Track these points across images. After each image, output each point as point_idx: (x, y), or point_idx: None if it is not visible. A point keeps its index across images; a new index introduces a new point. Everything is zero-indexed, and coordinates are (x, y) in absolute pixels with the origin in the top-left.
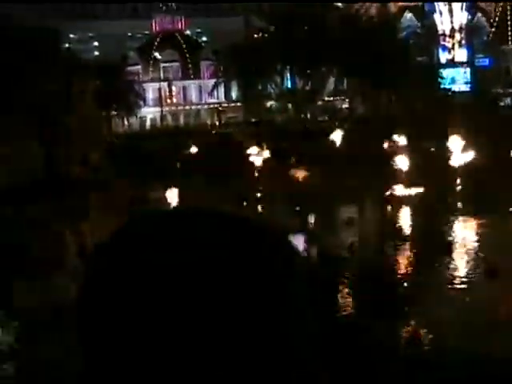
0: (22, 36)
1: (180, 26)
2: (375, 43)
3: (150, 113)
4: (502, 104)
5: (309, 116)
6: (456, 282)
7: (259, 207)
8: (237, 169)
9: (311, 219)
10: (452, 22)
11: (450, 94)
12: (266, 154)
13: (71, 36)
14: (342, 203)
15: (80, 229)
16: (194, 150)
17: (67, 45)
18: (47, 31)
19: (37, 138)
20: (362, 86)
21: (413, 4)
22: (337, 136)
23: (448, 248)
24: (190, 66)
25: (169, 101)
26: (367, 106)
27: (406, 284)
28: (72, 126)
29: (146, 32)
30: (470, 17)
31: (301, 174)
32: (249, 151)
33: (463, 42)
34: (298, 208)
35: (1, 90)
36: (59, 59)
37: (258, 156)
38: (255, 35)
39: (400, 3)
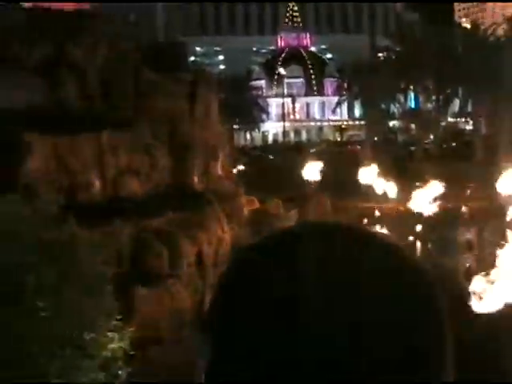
0: (154, 49)
1: (305, 43)
2: (502, 64)
3: (272, 127)
4: None
5: (432, 137)
6: None
7: (377, 227)
8: (354, 187)
9: (430, 242)
10: None
11: None
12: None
13: (197, 49)
14: (462, 225)
15: (198, 239)
16: (316, 165)
17: (193, 58)
18: (176, 45)
19: (164, 150)
20: (488, 108)
21: None
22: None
23: None
24: (313, 82)
25: (292, 116)
26: (492, 128)
27: None
28: (197, 138)
29: (272, 47)
30: None
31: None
32: (366, 170)
33: None
34: (418, 229)
35: (132, 101)
36: (186, 71)
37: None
38: (380, 54)
39: None
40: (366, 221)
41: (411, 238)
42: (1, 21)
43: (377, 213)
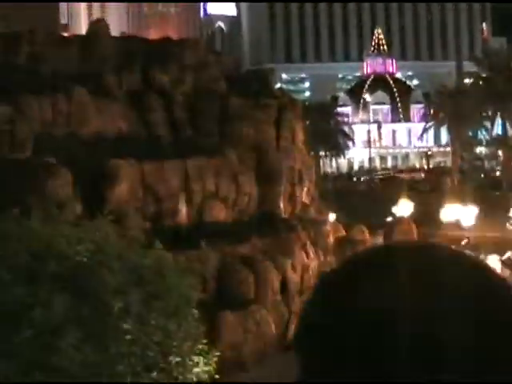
0: (240, 75)
1: (391, 69)
2: None
3: (358, 154)
4: None
5: None
6: None
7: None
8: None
9: None
10: None
11: None
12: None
13: (283, 76)
14: None
15: (284, 265)
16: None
17: (279, 85)
18: (262, 71)
19: (250, 176)
20: None
21: None
22: None
23: None
24: (399, 108)
25: (377, 143)
26: None
27: None
28: (282, 164)
29: (357, 74)
30: None
31: None
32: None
33: None
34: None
35: (219, 127)
36: (272, 98)
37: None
38: (466, 80)
39: None
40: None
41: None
42: (91, 50)
43: (465, 241)
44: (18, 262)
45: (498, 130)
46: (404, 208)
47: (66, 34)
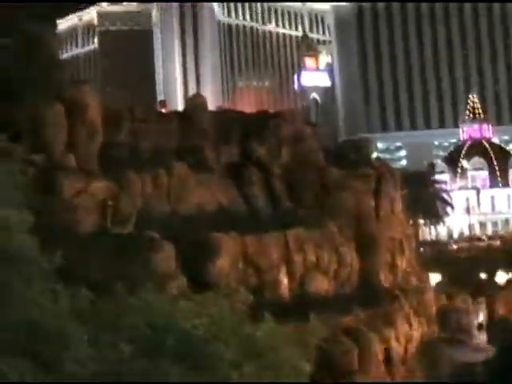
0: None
1: (487, 134)
2: None
3: (457, 221)
4: None
5: None
6: None
7: None
8: None
9: None
10: None
11: None
12: None
13: (379, 145)
14: None
15: (386, 335)
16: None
17: (375, 154)
18: (359, 142)
19: (351, 247)
20: None
21: None
22: None
23: None
24: (498, 174)
25: (476, 209)
26: None
27: None
28: (382, 234)
29: (453, 140)
30: None
31: None
32: None
33: None
34: None
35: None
36: (370, 168)
37: None
38: None
39: None
40: None
41: None
42: (189, 125)
43: None
44: (137, 335)
45: None
46: (504, 276)
47: (164, 110)
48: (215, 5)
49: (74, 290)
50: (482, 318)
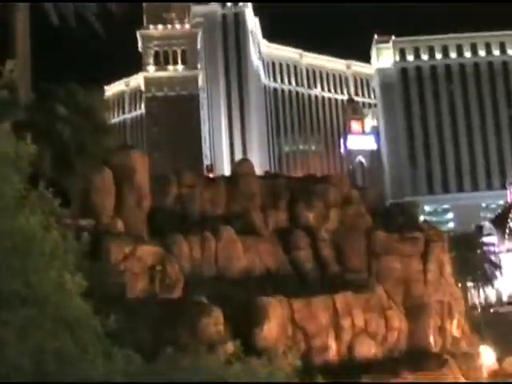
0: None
1: None
2: None
3: (506, 284)
4: None
5: None
6: None
7: None
8: None
9: None
10: None
11: None
12: None
13: (426, 208)
14: None
15: None
16: None
17: (422, 217)
18: (406, 205)
19: (399, 311)
20: None
21: None
22: None
23: None
24: None
25: None
26: None
27: None
28: (431, 297)
29: (501, 202)
30: None
31: None
32: None
33: None
34: None
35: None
36: (417, 231)
37: None
38: None
39: None
40: None
41: None
42: (237, 189)
43: None
44: None
45: None
46: None
47: (210, 175)
48: (261, 69)
49: (126, 353)
50: None
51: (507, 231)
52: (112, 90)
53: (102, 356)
